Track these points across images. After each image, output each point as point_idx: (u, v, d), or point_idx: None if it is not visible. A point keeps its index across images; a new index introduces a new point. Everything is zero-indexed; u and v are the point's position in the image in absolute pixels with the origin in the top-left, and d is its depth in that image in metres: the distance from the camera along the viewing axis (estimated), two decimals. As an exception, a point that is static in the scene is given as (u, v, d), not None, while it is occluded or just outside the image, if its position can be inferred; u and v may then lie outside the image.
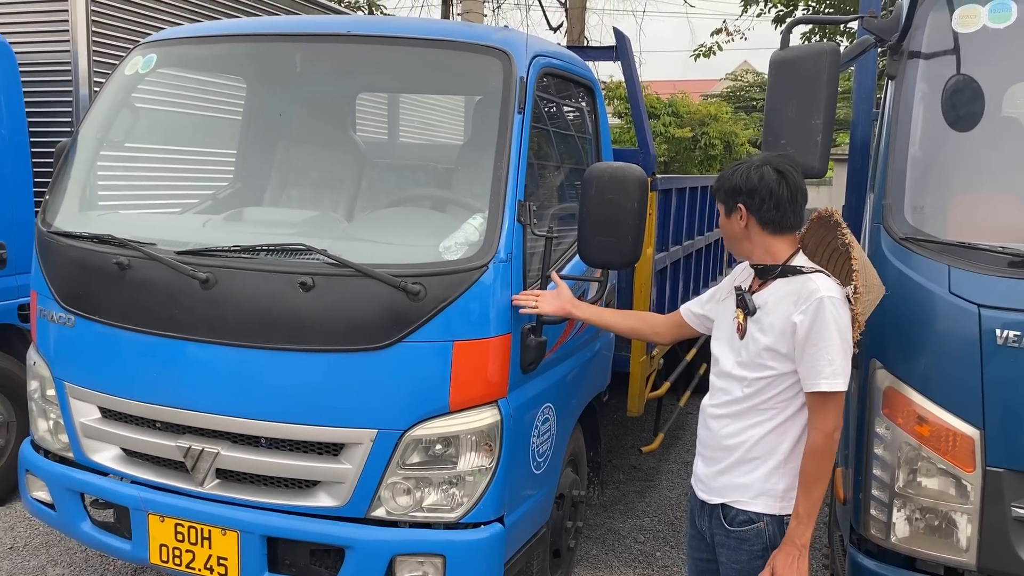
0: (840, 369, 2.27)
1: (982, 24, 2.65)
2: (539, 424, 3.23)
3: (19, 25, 5.06)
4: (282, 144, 4.18)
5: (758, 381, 2.41)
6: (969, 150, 2.76)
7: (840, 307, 2.30)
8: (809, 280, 2.35)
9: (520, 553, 3.20)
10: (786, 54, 2.80)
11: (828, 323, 2.27)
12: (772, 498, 2.43)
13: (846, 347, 2.30)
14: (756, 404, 2.43)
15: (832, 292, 2.31)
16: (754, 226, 2.45)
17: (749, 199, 2.43)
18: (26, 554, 4.26)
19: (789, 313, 2.34)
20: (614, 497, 5.32)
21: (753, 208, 2.43)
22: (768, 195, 2.40)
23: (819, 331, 2.28)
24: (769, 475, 2.42)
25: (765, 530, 2.44)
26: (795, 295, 2.35)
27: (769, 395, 2.41)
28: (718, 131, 21.35)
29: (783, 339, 2.35)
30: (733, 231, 2.51)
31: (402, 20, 4.68)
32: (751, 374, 2.43)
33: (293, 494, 2.98)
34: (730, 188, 2.47)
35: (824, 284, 2.33)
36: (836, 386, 2.27)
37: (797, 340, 2.32)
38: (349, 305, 2.88)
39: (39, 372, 3.41)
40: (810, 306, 2.29)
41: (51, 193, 3.53)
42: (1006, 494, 2.46)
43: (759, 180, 2.41)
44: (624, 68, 4.85)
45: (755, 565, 2.45)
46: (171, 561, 3.08)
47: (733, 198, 2.47)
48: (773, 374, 2.39)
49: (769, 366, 2.39)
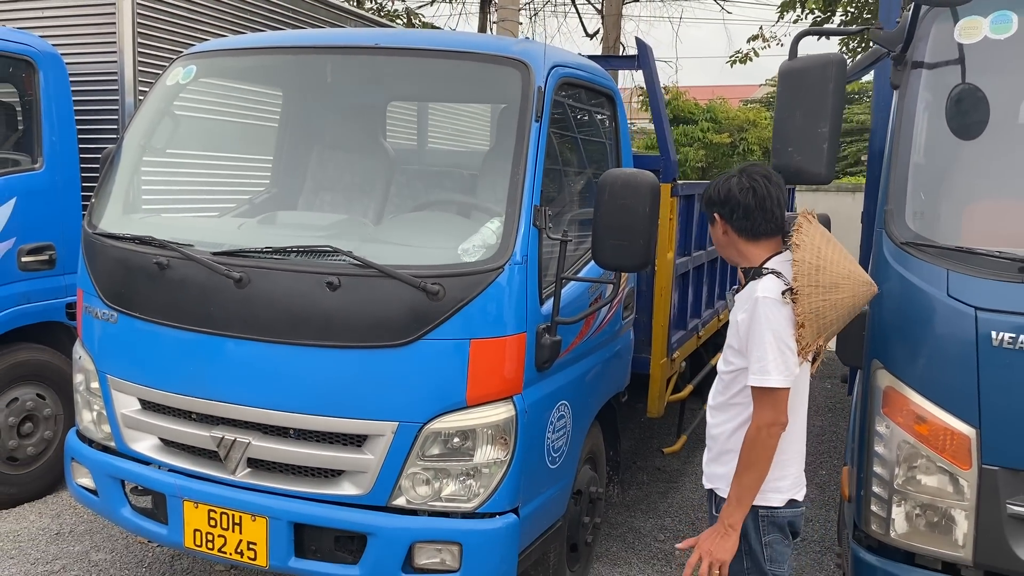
0: (771, 366, 2.40)
1: (983, 35, 2.73)
2: (554, 420, 3.36)
3: (69, 38, 5.31)
4: (316, 151, 4.36)
5: (726, 375, 2.62)
6: (969, 158, 2.84)
7: (773, 306, 2.44)
8: (758, 282, 2.51)
9: (535, 544, 3.33)
10: (794, 64, 2.90)
11: (760, 322, 2.43)
12: None
13: (780, 345, 2.42)
14: (728, 399, 2.62)
15: (768, 293, 2.46)
16: (732, 234, 2.63)
17: (722, 209, 2.62)
18: (71, 540, 4.48)
19: (738, 312, 2.54)
20: (637, 497, 5.42)
21: (727, 217, 2.61)
22: (736, 204, 2.57)
23: (753, 329, 2.45)
24: None
25: None
26: (747, 295, 2.53)
27: (734, 390, 2.59)
28: (757, 137, 21.23)
29: (735, 336, 2.54)
30: (718, 239, 2.72)
31: (427, 33, 4.85)
32: (723, 368, 2.64)
33: (319, 483, 3.14)
34: (707, 200, 2.68)
35: (764, 286, 2.48)
36: (764, 382, 2.41)
37: (740, 337, 2.51)
38: (373, 304, 3.03)
39: (84, 366, 3.61)
40: (749, 306, 2.48)
41: (97, 197, 3.74)
42: (1001, 491, 2.53)
43: (727, 191, 2.59)
44: (645, 77, 4.96)
45: None
46: (204, 545, 3.24)
47: (710, 209, 2.67)
48: (734, 369, 2.58)
49: (730, 361, 2.59)
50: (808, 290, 2.44)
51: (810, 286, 2.44)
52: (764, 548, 2.58)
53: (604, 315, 3.86)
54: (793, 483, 2.60)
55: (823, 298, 2.44)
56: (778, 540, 2.59)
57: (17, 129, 4.97)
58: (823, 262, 2.46)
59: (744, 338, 2.49)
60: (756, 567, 2.60)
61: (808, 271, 2.44)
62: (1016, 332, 2.49)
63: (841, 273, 2.48)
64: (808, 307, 2.44)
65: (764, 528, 2.58)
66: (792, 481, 2.59)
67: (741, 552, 2.58)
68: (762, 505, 2.56)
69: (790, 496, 2.59)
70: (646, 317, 4.69)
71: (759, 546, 2.58)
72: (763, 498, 2.55)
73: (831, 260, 2.49)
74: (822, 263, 2.46)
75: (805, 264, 2.45)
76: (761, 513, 2.56)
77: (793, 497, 2.60)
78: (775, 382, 2.41)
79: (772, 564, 2.59)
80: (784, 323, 2.44)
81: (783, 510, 2.58)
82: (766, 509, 2.56)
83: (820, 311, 2.44)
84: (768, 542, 2.58)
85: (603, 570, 4.37)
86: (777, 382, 2.41)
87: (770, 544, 2.58)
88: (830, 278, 2.46)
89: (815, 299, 2.44)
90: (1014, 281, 2.52)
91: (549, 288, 3.19)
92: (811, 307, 2.44)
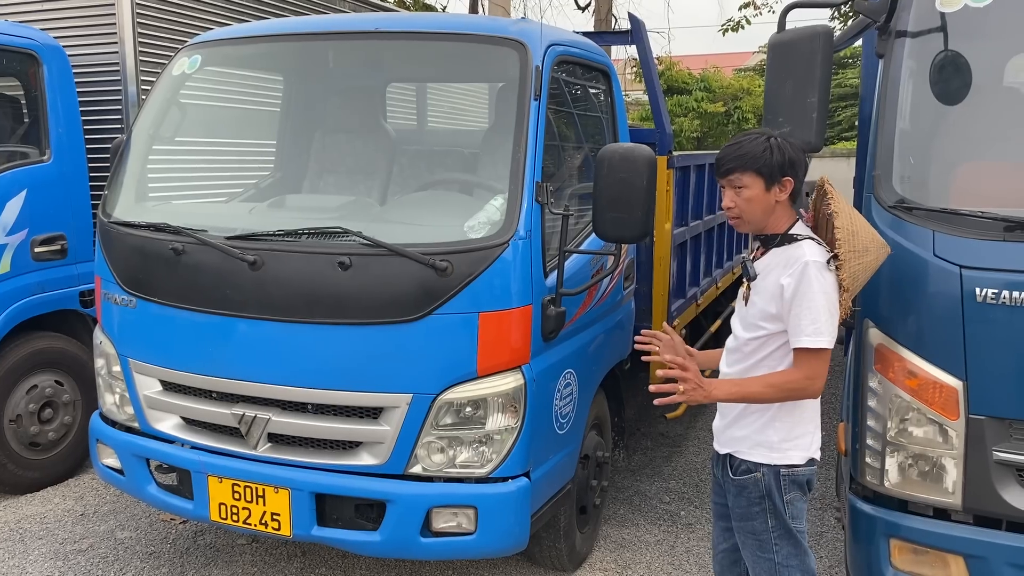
0: (824, 328, 2.44)
1: (963, 4, 2.83)
2: (561, 388, 3.49)
3: (70, 30, 5.38)
4: (318, 134, 4.46)
5: (753, 341, 2.62)
6: (953, 123, 2.95)
7: (823, 271, 2.47)
8: (798, 247, 2.53)
9: (546, 506, 3.47)
10: (783, 37, 3.00)
11: (812, 284, 2.45)
12: (768, 449, 2.63)
13: (831, 308, 2.47)
14: (753, 363, 2.64)
15: (817, 257, 2.49)
16: (787, 196, 2.58)
17: (793, 171, 2.55)
18: (96, 520, 4.63)
19: (778, 276, 2.53)
20: (642, 462, 5.58)
21: (797, 179, 2.57)
22: (801, 165, 2.56)
23: (803, 292, 2.46)
24: (764, 427, 2.63)
25: (762, 479, 2.63)
26: (785, 260, 2.54)
27: (763, 354, 2.61)
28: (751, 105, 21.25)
29: (773, 301, 2.54)
30: (768, 204, 2.57)
31: (425, 16, 4.93)
32: (748, 334, 2.64)
33: (338, 454, 3.28)
34: (778, 163, 2.53)
35: (810, 250, 2.51)
36: (818, 343, 2.45)
37: (784, 301, 2.50)
38: (384, 282, 3.15)
39: (105, 350, 3.74)
40: (796, 269, 2.48)
41: (110, 186, 3.85)
42: (987, 439, 2.67)
43: (796, 152, 2.55)
44: (639, 51, 5.05)
45: (753, 511, 2.66)
46: (229, 518, 3.39)
47: (782, 171, 2.54)
48: (765, 334, 2.59)
49: (762, 326, 2.59)
50: (848, 256, 2.50)
51: (850, 252, 2.50)
52: (787, 507, 2.62)
53: (606, 286, 3.99)
54: (811, 441, 2.65)
55: (858, 262, 2.52)
56: (798, 497, 2.65)
57: (23, 122, 5.06)
58: (856, 227, 2.53)
59: (789, 301, 2.48)
60: (780, 524, 2.64)
61: (847, 237, 2.50)
62: (999, 288, 2.61)
63: (870, 237, 2.56)
64: (849, 272, 2.51)
65: (786, 487, 2.62)
66: (811, 439, 2.65)
67: (764, 512, 2.64)
68: (784, 464, 2.61)
69: (810, 455, 2.65)
70: (646, 287, 4.81)
71: (782, 504, 2.62)
72: (785, 456, 2.61)
73: (861, 225, 2.57)
74: (856, 228, 2.53)
75: (845, 231, 2.50)
76: (783, 472, 2.61)
77: (812, 456, 2.66)
78: (828, 343, 2.46)
79: (794, 521, 2.64)
80: (833, 287, 2.49)
81: (803, 468, 2.63)
82: (787, 468, 2.61)
83: (856, 275, 2.52)
84: (790, 500, 2.63)
85: (611, 531, 4.53)
86: (829, 343, 2.47)
87: (791, 502, 2.63)
88: (863, 243, 2.53)
89: (854, 264, 2.51)
90: (996, 240, 2.64)
91: (552, 261, 3.31)
92: (851, 272, 2.51)
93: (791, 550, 2.65)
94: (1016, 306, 2.59)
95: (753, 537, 2.69)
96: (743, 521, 2.71)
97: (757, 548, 2.69)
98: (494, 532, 3.19)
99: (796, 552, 2.66)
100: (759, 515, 2.66)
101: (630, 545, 4.39)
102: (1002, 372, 2.65)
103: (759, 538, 2.67)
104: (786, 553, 2.65)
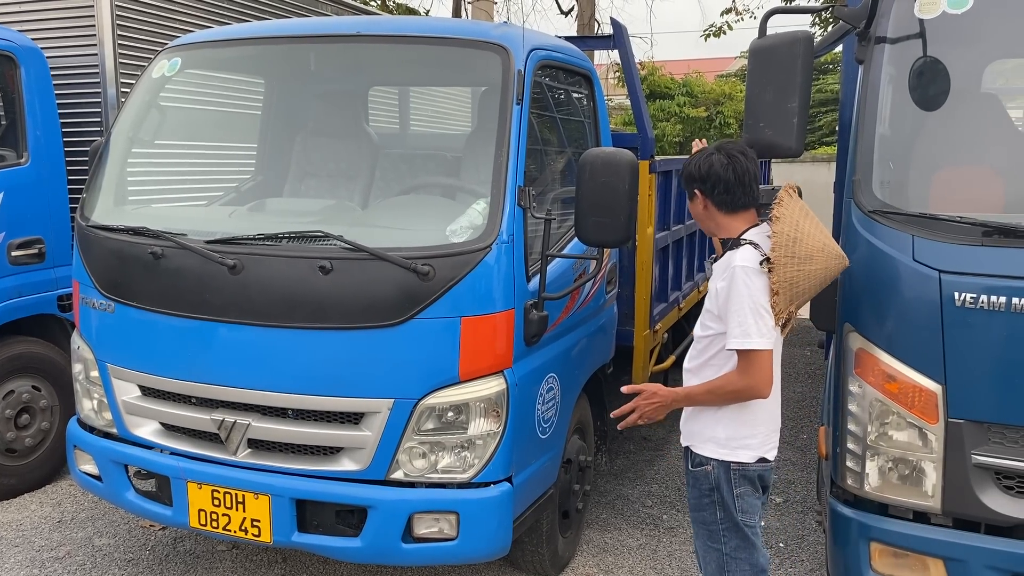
0: (751, 329, 2.56)
1: (942, 10, 2.86)
2: (543, 393, 3.49)
3: (49, 31, 5.33)
4: (300, 138, 4.44)
5: (703, 339, 2.77)
6: (932, 128, 2.97)
7: (751, 274, 2.59)
8: (735, 252, 2.65)
9: (529, 511, 3.46)
10: (763, 42, 3.01)
11: (739, 289, 2.58)
12: (716, 444, 2.75)
13: (756, 310, 2.57)
14: (704, 361, 2.78)
15: (746, 262, 2.60)
16: (711, 207, 2.77)
17: (703, 185, 2.76)
18: (74, 527, 4.58)
19: (716, 279, 2.69)
20: (624, 466, 5.58)
21: (707, 192, 2.75)
22: (717, 180, 2.71)
23: (732, 296, 2.60)
24: (713, 424, 2.75)
25: (711, 472, 2.77)
26: (725, 264, 2.68)
27: (711, 353, 2.75)
28: (733, 110, 21.40)
29: (714, 302, 2.70)
30: (697, 213, 2.86)
31: (408, 19, 4.93)
32: (701, 333, 2.79)
33: (319, 460, 3.25)
34: (687, 176, 2.81)
35: (742, 255, 2.62)
36: (746, 344, 2.57)
37: (720, 304, 2.66)
38: (365, 286, 3.14)
39: (83, 355, 3.70)
40: (727, 273, 2.63)
41: (88, 189, 3.81)
42: (966, 443, 2.68)
43: (708, 168, 2.72)
44: (621, 56, 5.06)
45: (703, 502, 2.81)
46: (209, 524, 3.36)
47: (691, 185, 2.80)
48: (712, 333, 2.73)
49: (709, 326, 2.74)
50: (784, 260, 2.58)
51: (786, 257, 2.58)
52: (736, 500, 2.74)
53: (588, 290, 3.99)
54: (763, 442, 2.75)
55: (797, 268, 2.59)
56: (749, 492, 2.75)
57: (0, 124, 5.00)
58: (800, 234, 2.60)
59: (723, 304, 2.64)
60: (728, 517, 2.76)
61: (785, 243, 2.58)
62: (977, 293, 2.62)
63: (816, 246, 2.61)
64: (783, 276, 2.59)
65: (735, 481, 2.74)
66: (762, 440, 2.75)
67: (713, 503, 2.77)
68: (733, 461, 2.73)
69: (760, 454, 2.75)
70: (628, 291, 4.82)
71: (731, 498, 2.74)
72: (734, 455, 2.73)
73: (807, 233, 2.62)
74: (799, 235, 2.60)
75: (783, 236, 2.59)
76: (732, 467, 2.73)
77: (763, 456, 2.75)
78: (756, 344, 2.57)
79: (743, 515, 2.75)
80: (761, 290, 2.59)
81: (753, 465, 2.74)
82: (737, 464, 2.73)
83: (794, 280, 2.59)
84: (739, 494, 2.74)
85: (594, 536, 4.53)
86: (758, 344, 2.57)
87: (741, 496, 2.75)
88: (805, 250, 2.60)
89: (790, 269, 2.59)
90: (974, 244, 2.66)
91: (535, 265, 3.31)
92: (786, 276, 2.59)
93: (739, 543, 2.77)
94: (994, 310, 2.61)
95: (704, 527, 2.83)
96: (695, 511, 2.86)
97: (708, 538, 2.83)
98: (476, 537, 3.18)
99: (744, 546, 2.77)
100: (709, 506, 2.80)
101: (612, 549, 4.39)
102: (980, 376, 2.67)
103: (709, 528, 2.81)
104: (734, 546, 2.78)
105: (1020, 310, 2.58)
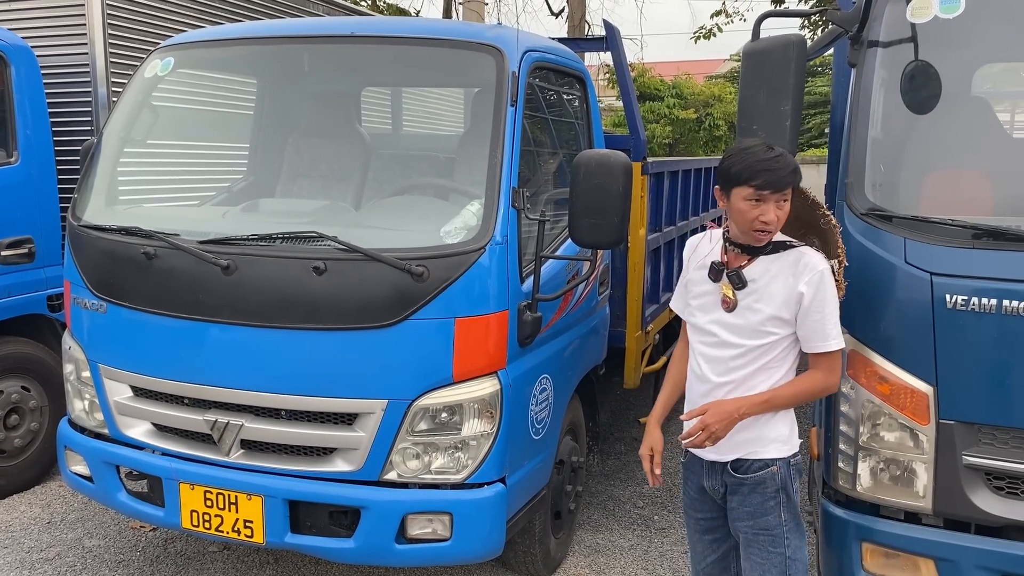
0: (838, 331, 2.57)
1: (933, 15, 2.88)
2: (537, 394, 3.49)
3: (39, 30, 5.30)
4: (292, 138, 4.43)
5: (759, 347, 2.59)
6: (924, 131, 3.00)
7: (832, 278, 2.57)
8: (804, 254, 2.56)
9: (522, 512, 3.47)
10: (756, 45, 3.03)
11: (828, 292, 2.53)
12: (781, 443, 2.64)
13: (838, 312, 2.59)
14: (759, 367, 2.61)
15: (826, 265, 2.56)
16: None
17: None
18: (64, 528, 4.56)
19: (792, 283, 2.53)
20: (615, 467, 5.59)
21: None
22: None
23: (822, 300, 2.52)
24: (774, 424, 2.63)
25: (778, 472, 2.63)
26: (793, 267, 2.55)
27: (770, 357, 2.60)
28: (722, 112, 21.50)
29: (787, 307, 2.54)
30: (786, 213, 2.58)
31: (402, 20, 4.93)
32: (752, 341, 2.59)
33: (312, 461, 3.25)
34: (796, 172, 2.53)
35: (820, 258, 2.57)
36: (840, 345, 2.57)
37: (802, 308, 2.53)
38: (359, 287, 3.14)
39: (74, 356, 3.68)
40: (813, 278, 2.52)
41: (79, 189, 3.79)
42: (957, 444, 2.71)
43: None
44: (614, 58, 5.07)
45: (768, 506, 2.64)
46: (201, 525, 3.35)
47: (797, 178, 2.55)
48: (774, 339, 2.58)
49: (771, 332, 2.57)
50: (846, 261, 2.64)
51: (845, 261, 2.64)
52: (797, 494, 2.67)
53: (581, 291, 4.00)
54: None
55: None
56: (800, 484, 2.72)
57: (-10, 124, 4.98)
58: None
59: (807, 308, 2.52)
60: (792, 517, 2.65)
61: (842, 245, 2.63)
62: (969, 295, 2.65)
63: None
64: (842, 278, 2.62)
65: (794, 476, 2.66)
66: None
67: (778, 506, 2.63)
68: (793, 454, 2.66)
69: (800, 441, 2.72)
70: (621, 292, 4.83)
71: (795, 494, 2.65)
72: (791, 447, 2.66)
73: None
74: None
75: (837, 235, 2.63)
76: (792, 462, 2.65)
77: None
78: (842, 343, 2.58)
79: (802, 510, 2.70)
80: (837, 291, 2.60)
81: (798, 455, 2.68)
82: (795, 456, 2.66)
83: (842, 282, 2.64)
84: (797, 488, 2.68)
85: (586, 536, 4.54)
86: (843, 343, 2.59)
87: (798, 491, 2.68)
88: None
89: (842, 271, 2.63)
90: (966, 247, 2.69)
91: (529, 267, 3.31)
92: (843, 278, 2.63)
93: (798, 542, 2.67)
94: (984, 312, 2.64)
95: (766, 534, 2.65)
96: (756, 518, 2.66)
97: (769, 544, 2.65)
98: (469, 538, 3.18)
99: (801, 544, 2.67)
100: (773, 510, 2.64)
101: (604, 550, 4.40)
102: (971, 377, 2.69)
103: (772, 534, 2.64)
104: (795, 546, 2.65)
105: (1010, 312, 2.61)
